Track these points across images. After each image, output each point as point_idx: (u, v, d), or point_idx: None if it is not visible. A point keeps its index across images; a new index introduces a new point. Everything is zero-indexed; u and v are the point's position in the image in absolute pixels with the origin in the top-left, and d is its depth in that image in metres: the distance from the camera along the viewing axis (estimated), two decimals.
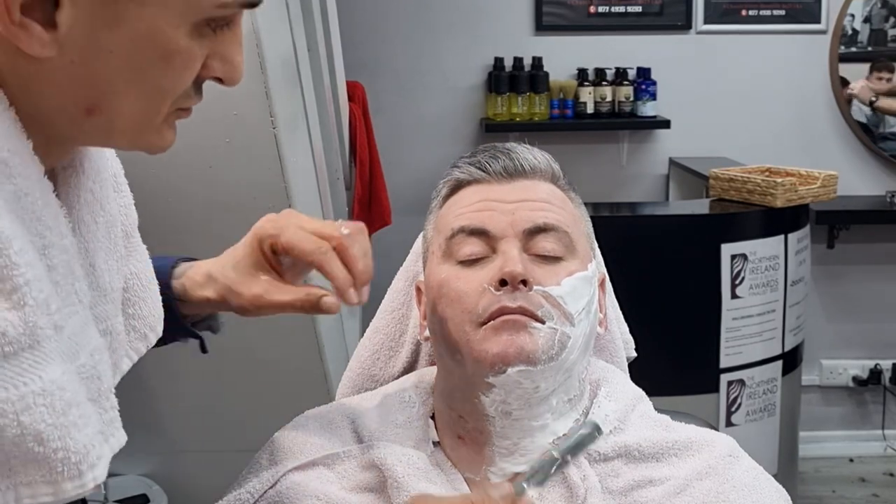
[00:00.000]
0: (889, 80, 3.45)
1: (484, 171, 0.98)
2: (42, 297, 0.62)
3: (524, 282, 0.90)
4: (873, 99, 3.44)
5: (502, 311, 0.89)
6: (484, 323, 0.89)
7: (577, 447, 0.89)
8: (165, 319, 0.91)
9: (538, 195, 0.97)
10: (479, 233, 0.94)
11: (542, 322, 0.90)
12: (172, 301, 0.94)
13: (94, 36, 0.62)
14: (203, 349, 1.01)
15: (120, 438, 0.72)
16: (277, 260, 0.90)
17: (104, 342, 0.73)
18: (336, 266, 0.86)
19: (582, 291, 0.93)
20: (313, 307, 0.88)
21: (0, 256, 0.60)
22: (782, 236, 2.58)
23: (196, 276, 0.94)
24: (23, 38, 0.60)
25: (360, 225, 0.89)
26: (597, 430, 0.90)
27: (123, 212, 0.83)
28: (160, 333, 0.88)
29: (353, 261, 0.86)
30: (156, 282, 0.88)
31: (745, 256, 2.51)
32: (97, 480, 0.67)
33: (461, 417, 0.94)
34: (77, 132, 0.68)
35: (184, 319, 0.96)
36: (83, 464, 0.64)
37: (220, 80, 0.70)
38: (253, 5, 0.67)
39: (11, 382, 0.60)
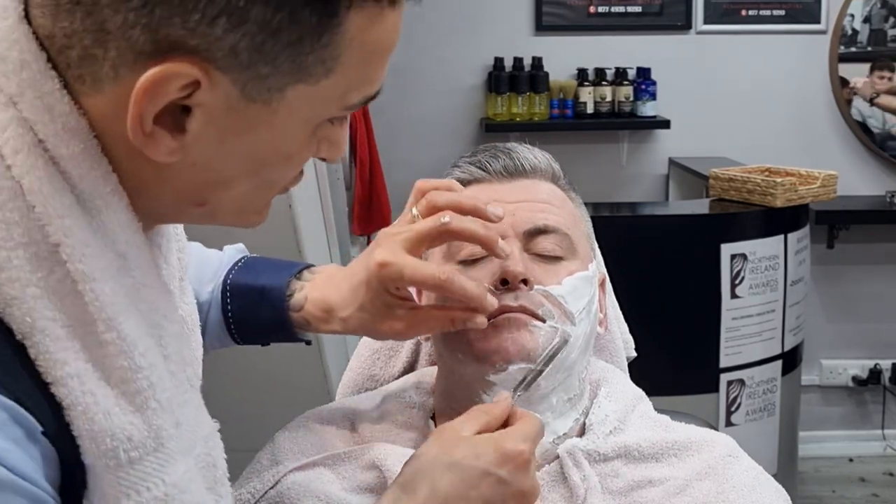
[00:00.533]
0: (890, 78, 3.46)
1: (484, 171, 0.99)
2: (165, 398, 0.62)
3: (525, 281, 0.90)
4: (874, 95, 3.44)
5: (503, 310, 0.89)
6: None
7: (552, 357, 0.89)
8: (269, 330, 0.95)
9: (538, 195, 0.97)
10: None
11: (543, 321, 0.90)
12: (288, 325, 0.95)
13: (221, 140, 0.61)
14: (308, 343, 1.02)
15: None
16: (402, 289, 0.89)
17: (216, 425, 0.72)
18: (460, 285, 0.84)
19: (582, 291, 0.93)
20: (460, 327, 0.87)
21: (125, 359, 0.60)
22: (782, 236, 2.58)
23: (316, 313, 0.93)
24: (150, 146, 0.59)
25: (455, 199, 0.87)
26: (565, 339, 0.90)
27: (181, 257, 0.81)
28: (200, 376, 0.88)
29: (471, 236, 0.85)
30: (198, 324, 0.86)
31: (744, 256, 2.51)
32: None
33: None
34: (181, 219, 0.68)
35: (297, 335, 0.97)
36: None
37: (322, 159, 0.70)
38: (373, 97, 0.67)
39: (134, 489, 0.60)
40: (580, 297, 0.93)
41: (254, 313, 0.96)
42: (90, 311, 0.59)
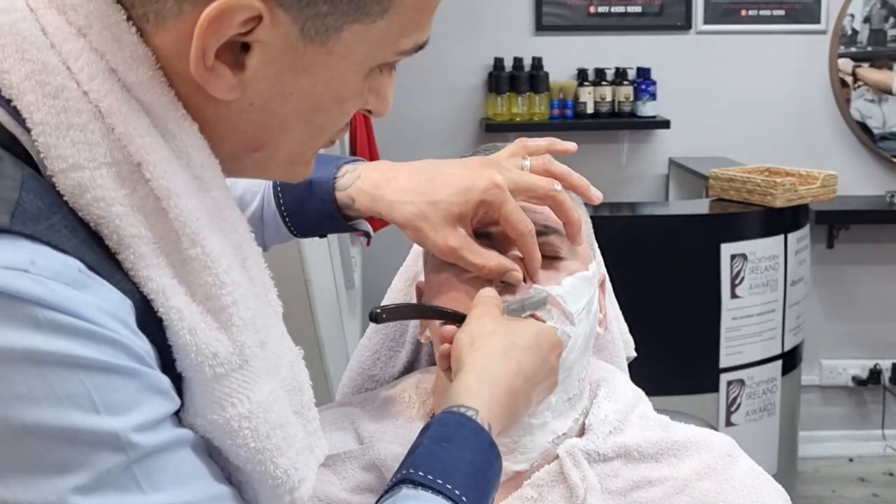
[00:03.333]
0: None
1: None
2: (249, 315, 0.63)
3: (524, 281, 0.90)
4: (852, 72, 3.42)
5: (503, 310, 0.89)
6: None
7: (535, 305, 0.90)
8: (322, 220, 0.95)
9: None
10: (482, 236, 0.94)
11: (543, 321, 0.90)
12: (336, 210, 0.95)
13: (279, 80, 0.62)
14: (368, 238, 1.03)
15: (324, 448, 0.73)
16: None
17: (300, 352, 0.73)
18: (531, 250, 0.89)
19: (582, 291, 0.93)
20: (498, 276, 0.89)
21: (209, 275, 0.61)
22: (782, 236, 2.58)
23: (367, 188, 0.93)
24: (211, 81, 0.60)
25: (566, 171, 0.95)
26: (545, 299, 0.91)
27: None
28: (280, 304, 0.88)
29: (569, 214, 0.92)
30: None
31: (744, 256, 2.51)
32: (299, 502, 0.67)
33: None
34: (235, 167, 0.68)
35: (344, 222, 0.97)
36: (281, 488, 0.65)
37: (368, 112, 0.71)
38: (423, 46, 0.68)
39: (220, 404, 0.61)
40: (580, 298, 0.93)
41: (304, 206, 0.97)
42: (175, 228, 0.60)
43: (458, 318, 0.87)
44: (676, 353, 2.48)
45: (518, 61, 3.36)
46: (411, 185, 0.90)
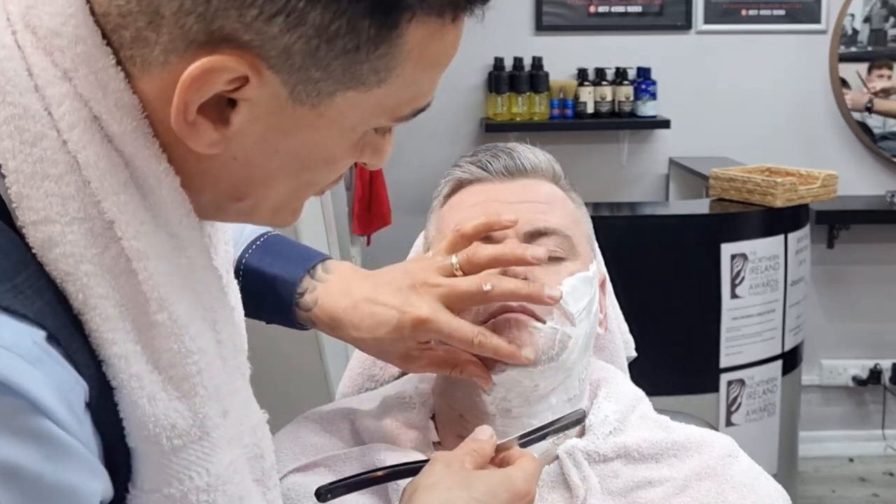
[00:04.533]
0: (889, 77, 3.45)
1: (485, 171, 0.99)
2: (214, 384, 0.61)
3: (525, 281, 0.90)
4: (869, 105, 3.44)
5: (503, 310, 0.89)
6: (484, 322, 0.89)
7: (559, 429, 0.88)
8: (273, 317, 0.94)
9: (539, 196, 0.97)
10: (482, 237, 0.94)
11: (543, 322, 0.90)
12: (293, 319, 0.94)
13: (264, 138, 0.60)
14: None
15: None
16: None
17: (264, 416, 0.71)
18: (494, 345, 0.86)
19: (582, 292, 0.93)
20: (480, 350, 0.87)
21: (175, 341, 0.59)
22: (782, 236, 2.58)
23: (325, 319, 0.92)
24: (192, 136, 0.58)
25: (497, 253, 0.87)
26: (581, 418, 0.90)
27: (227, 249, 0.81)
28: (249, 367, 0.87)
29: (514, 296, 0.87)
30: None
31: (745, 256, 2.51)
32: None
33: (461, 417, 0.94)
34: (218, 215, 0.67)
35: (299, 327, 0.96)
36: None
37: (363, 164, 0.69)
38: (423, 109, 0.66)
39: (177, 477, 0.59)
40: (580, 298, 0.93)
41: (262, 299, 0.95)
42: (143, 290, 0.58)
43: (411, 472, 0.83)
44: (677, 353, 2.48)
45: (518, 61, 3.36)
46: (357, 319, 0.89)
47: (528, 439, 0.85)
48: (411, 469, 0.84)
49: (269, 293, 0.94)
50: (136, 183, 0.59)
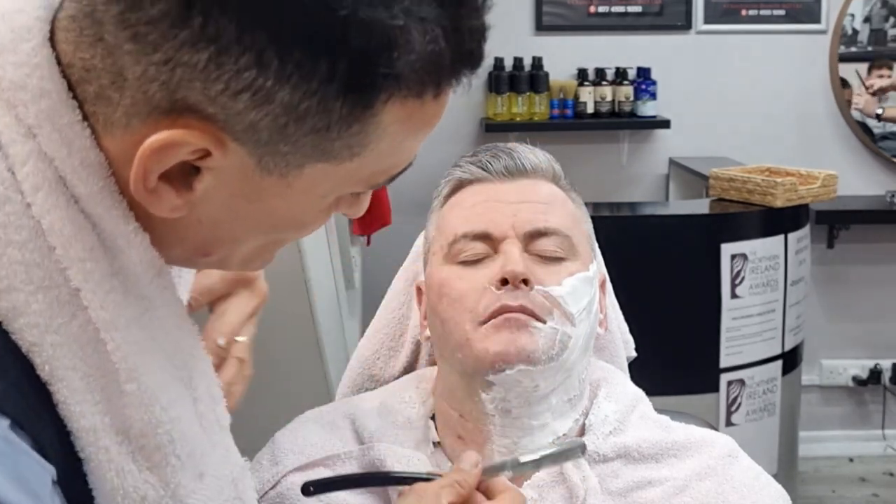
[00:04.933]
0: (889, 76, 3.45)
1: (485, 171, 0.99)
2: (188, 450, 0.60)
3: (525, 281, 0.90)
4: (879, 112, 3.44)
5: (503, 310, 0.89)
6: (485, 322, 0.89)
7: (558, 458, 0.87)
8: None
9: (539, 196, 0.97)
10: (482, 237, 0.94)
11: (543, 322, 0.90)
12: None
13: (230, 205, 0.58)
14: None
15: None
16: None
17: (246, 465, 0.70)
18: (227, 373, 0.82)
19: (583, 292, 0.93)
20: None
21: (146, 412, 0.57)
22: (782, 236, 2.58)
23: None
24: (152, 202, 0.56)
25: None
26: (581, 450, 0.87)
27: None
28: (228, 415, 0.87)
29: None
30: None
31: (745, 256, 2.51)
32: None
33: (461, 417, 0.94)
34: (188, 265, 0.66)
35: None
36: None
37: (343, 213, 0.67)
38: (402, 172, 0.63)
39: None
40: (580, 298, 0.93)
41: None
42: (112, 360, 0.56)
43: (402, 481, 0.84)
44: (677, 353, 2.48)
45: (518, 61, 3.36)
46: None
47: (523, 464, 0.83)
48: (402, 478, 0.85)
49: None
50: (103, 245, 0.57)
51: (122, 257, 0.58)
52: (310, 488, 0.85)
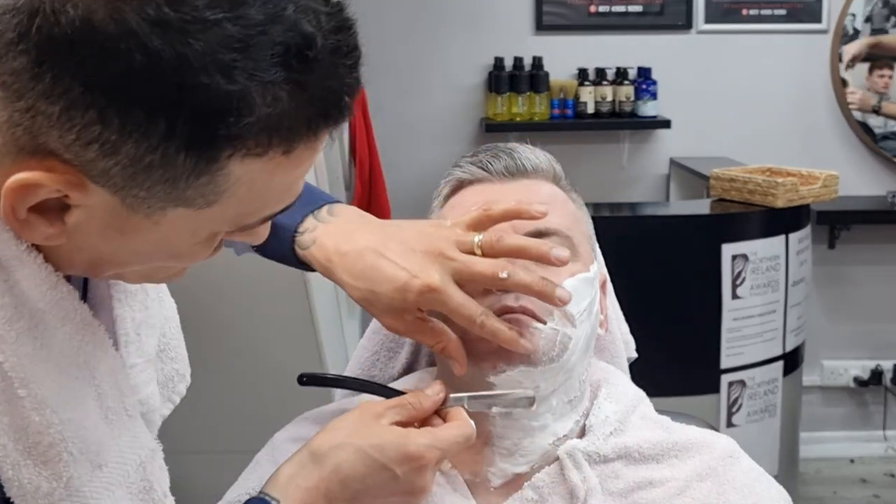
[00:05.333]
0: (890, 76, 3.45)
1: (485, 171, 0.98)
2: (82, 446, 0.65)
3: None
4: (876, 106, 3.43)
5: (504, 311, 0.89)
6: None
7: (507, 403, 0.89)
8: (282, 262, 0.94)
9: (540, 196, 0.96)
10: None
11: (544, 322, 0.89)
12: (294, 263, 0.93)
13: (104, 235, 0.62)
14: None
15: None
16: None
17: (157, 447, 0.74)
18: (495, 328, 0.85)
19: (583, 293, 0.93)
20: (443, 355, 0.89)
21: (37, 414, 0.62)
22: (783, 236, 2.58)
23: (321, 260, 0.90)
24: (25, 231, 0.60)
25: (522, 245, 0.86)
26: (530, 402, 0.89)
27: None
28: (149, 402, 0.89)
29: (526, 290, 0.86)
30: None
31: (745, 257, 2.51)
32: None
33: None
34: (93, 276, 0.69)
35: (307, 268, 0.95)
36: None
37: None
38: (284, 210, 0.66)
39: None
40: (581, 299, 0.92)
41: (266, 243, 0.95)
42: (5, 369, 0.61)
43: (385, 393, 0.89)
44: (677, 354, 2.48)
45: (518, 61, 3.36)
46: (358, 268, 0.87)
47: (476, 399, 0.87)
48: (390, 391, 0.90)
49: (270, 238, 0.94)
50: None
51: (15, 275, 0.62)
52: (303, 378, 0.92)
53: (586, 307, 0.93)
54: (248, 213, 0.64)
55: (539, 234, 0.93)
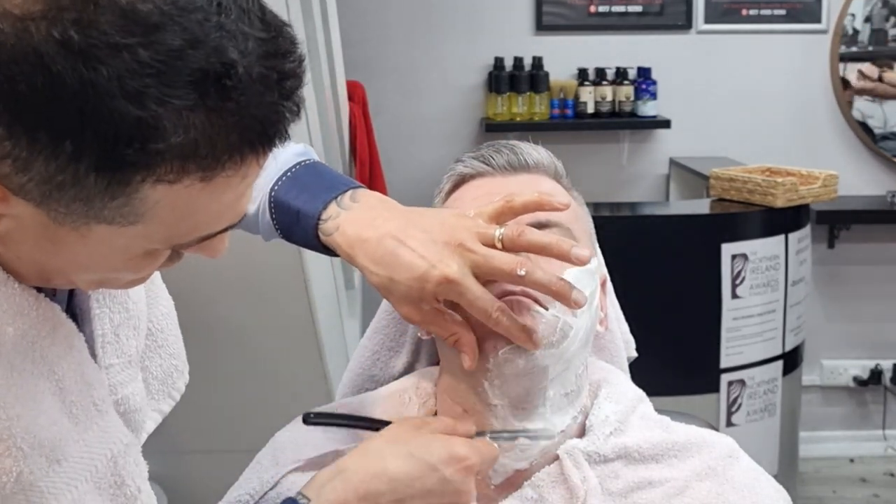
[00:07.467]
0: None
1: (487, 165, 0.98)
2: (36, 442, 0.65)
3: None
4: (878, 77, 3.41)
5: (506, 293, 0.88)
6: None
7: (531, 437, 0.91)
8: (307, 248, 0.94)
9: (541, 190, 0.96)
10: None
11: (546, 308, 0.89)
12: (319, 249, 0.93)
13: (38, 245, 0.62)
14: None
15: None
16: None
17: (131, 440, 0.74)
18: (509, 325, 0.86)
19: (584, 283, 0.92)
20: (454, 347, 0.89)
21: None
22: (783, 236, 2.58)
23: (344, 247, 0.90)
24: None
25: (544, 242, 0.86)
26: (551, 436, 0.92)
27: None
28: (187, 366, 0.89)
29: (543, 288, 0.86)
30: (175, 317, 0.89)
31: (745, 256, 2.51)
32: None
33: (465, 412, 0.94)
34: (45, 285, 0.69)
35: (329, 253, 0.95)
36: None
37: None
38: (230, 229, 0.66)
39: None
40: (582, 289, 0.92)
41: (292, 231, 0.95)
42: None
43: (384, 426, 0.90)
44: (677, 354, 2.48)
45: (518, 61, 3.36)
46: (378, 254, 0.87)
47: (498, 437, 0.90)
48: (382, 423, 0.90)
49: (295, 225, 0.94)
50: None
51: None
52: (310, 416, 0.92)
53: (588, 298, 0.93)
54: (178, 234, 0.63)
55: (541, 226, 0.93)
